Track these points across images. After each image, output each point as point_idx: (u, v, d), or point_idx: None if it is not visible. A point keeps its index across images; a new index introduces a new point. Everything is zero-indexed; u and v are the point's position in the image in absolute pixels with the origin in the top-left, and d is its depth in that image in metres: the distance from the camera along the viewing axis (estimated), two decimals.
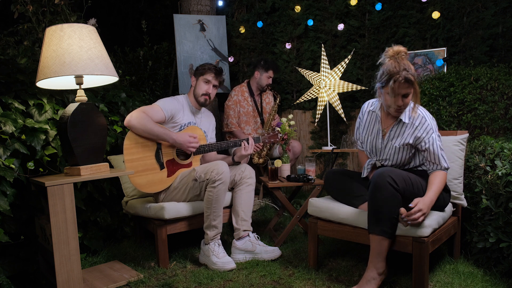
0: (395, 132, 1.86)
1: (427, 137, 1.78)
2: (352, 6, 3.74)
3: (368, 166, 2.02)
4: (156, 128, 2.11)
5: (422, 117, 1.80)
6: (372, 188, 1.69)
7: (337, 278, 1.92)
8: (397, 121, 1.85)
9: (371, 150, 1.99)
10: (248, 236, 2.22)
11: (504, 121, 2.41)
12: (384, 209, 1.66)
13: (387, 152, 1.91)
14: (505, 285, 1.75)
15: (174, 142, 2.15)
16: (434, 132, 1.79)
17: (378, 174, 1.70)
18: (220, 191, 2.08)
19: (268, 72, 3.39)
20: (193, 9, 3.93)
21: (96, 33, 1.85)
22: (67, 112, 1.76)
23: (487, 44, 3.15)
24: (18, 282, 1.92)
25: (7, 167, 1.79)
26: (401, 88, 1.70)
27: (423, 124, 1.79)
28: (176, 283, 1.91)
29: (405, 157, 1.87)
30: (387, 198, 1.66)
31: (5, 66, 2.14)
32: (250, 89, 3.47)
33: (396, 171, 1.72)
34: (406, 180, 1.72)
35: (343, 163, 3.93)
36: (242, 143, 2.30)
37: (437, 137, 1.81)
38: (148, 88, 4.12)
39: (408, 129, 1.82)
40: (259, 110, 3.48)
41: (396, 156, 1.88)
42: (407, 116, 1.81)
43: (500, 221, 1.80)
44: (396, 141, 1.86)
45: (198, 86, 2.35)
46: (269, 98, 3.60)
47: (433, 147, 1.79)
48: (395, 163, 1.91)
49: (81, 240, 2.25)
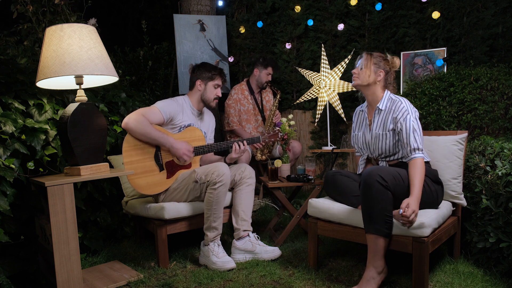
0: (378, 120, 1.99)
1: (402, 117, 1.87)
2: (352, 6, 3.74)
3: (361, 162, 2.10)
4: (154, 132, 2.11)
5: (398, 101, 1.92)
6: (362, 187, 1.72)
7: (337, 278, 1.92)
8: (377, 110, 1.99)
9: (362, 145, 2.07)
10: (248, 236, 2.22)
11: (504, 121, 2.41)
12: (375, 208, 1.68)
13: (373, 142, 1.99)
14: (505, 285, 1.75)
15: (171, 147, 2.15)
16: (409, 114, 1.86)
17: (367, 173, 1.72)
18: (221, 193, 2.08)
19: (267, 68, 3.40)
20: (193, 9, 3.93)
21: (96, 33, 1.85)
22: (67, 112, 1.76)
23: (487, 44, 3.15)
24: (18, 282, 1.92)
25: (7, 167, 1.79)
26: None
27: (398, 106, 1.90)
28: (176, 283, 1.91)
29: (389, 144, 1.92)
30: (377, 197, 1.68)
31: (5, 66, 2.14)
32: (250, 88, 3.48)
33: (384, 169, 1.74)
34: (396, 176, 1.74)
35: (343, 163, 3.93)
36: (234, 145, 2.30)
37: (414, 119, 1.85)
38: (148, 88, 4.12)
39: (387, 114, 1.95)
40: (259, 108, 3.48)
41: (381, 144, 1.95)
42: (383, 104, 1.97)
43: (500, 221, 1.80)
44: (379, 128, 1.96)
45: (208, 91, 2.37)
46: (269, 96, 3.60)
47: (405, 126, 1.85)
48: (381, 152, 1.96)
49: (81, 240, 2.25)
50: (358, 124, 2.14)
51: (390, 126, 1.92)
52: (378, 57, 2.00)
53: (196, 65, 2.45)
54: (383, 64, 1.99)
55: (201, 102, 2.40)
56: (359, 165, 2.12)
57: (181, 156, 2.17)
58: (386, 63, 2.00)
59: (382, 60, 2.00)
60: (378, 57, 2.00)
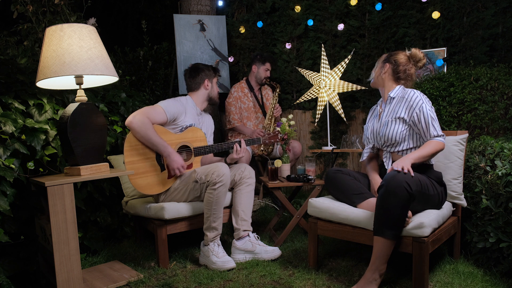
0: (388, 109, 2.00)
1: (418, 107, 1.86)
2: (352, 6, 3.74)
3: (366, 150, 2.11)
4: (154, 137, 2.10)
5: (411, 91, 1.93)
6: (386, 191, 1.66)
7: (337, 278, 1.92)
8: (388, 99, 2.01)
9: (370, 135, 2.09)
10: (248, 236, 2.22)
11: (504, 121, 2.41)
12: (397, 214, 1.64)
13: (381, 129, 1.99)
14: (505, 285, 1.75)
15: (168, 156, 2.15)
16: (423, 103, 1.86)
17: (392, 177, 1.67)
18: (221, 193, 2.08)
19: (265, 64, 3.43)
20: (193, 9, 3.93)
21: (96, 33, 1.85)
22: (67, 112, 1.76)
23: (487, 44, 3.15)
24: (18, 282, 1.92)
25: (7, 167, 1.79)
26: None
27: (411, 96, 1.90)
28: (176, 283, 1.91)
29: (396, 131, 1.91)
30: (402, 203, 1.64)
31: (5, 66, 2.14)
32: (250, 85, 3.50)
33: (408, 174, 1.70)
34: (417, 182, 1.71)
35: (343, 163, 3.92)
36: (235, 145, 2.31)
37: (429, 107, 1.86)
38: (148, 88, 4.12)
39: (400, 103, 1.95)
40: (260, 104, 3.49)
41: (388, 130, 1.94)
42: (394, 92, 1.99)
43: (500, 221, 1.80)
44: (388, 115, 1.97)
45: (214, 88, 2.48)
46: (269, 93, 3.62)
47: (423, 116, 1.85)
48: (387, 139, 1.95)
49: (81, 240, 2.25)
50: (371, 117, 2.17)
51: (401, 114, 1.91)
52: (392, 54, 2.04)
53: (195, 67, 2.45)
54: (393, 57, 2.01)
55: (207, 100, 2.46)
56: (363, 153, 2.13)
57: (174, 169, 2.16)
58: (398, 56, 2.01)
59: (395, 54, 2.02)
60: (392, 54, 2.03)
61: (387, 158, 1.98)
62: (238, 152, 2.30)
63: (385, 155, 1.99)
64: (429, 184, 1.79)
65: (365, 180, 2.07)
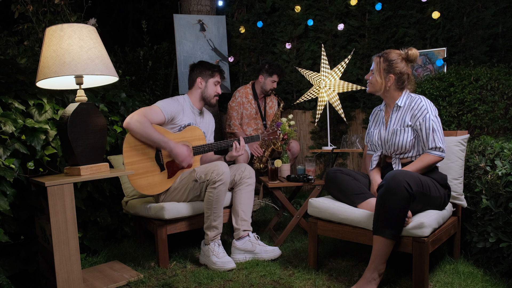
0: (395, 117, 1.99)
1: (422, 116, 1.87)
2: (352, 6, 3.74)
3: (375, 158, 2.06)
4: (154, 134, 2.10)
5: (418, 98, 1.93)
6: (385, 190, 1.67)
7: (337, 278, 1.92)
8: (395, 107, 1.99)
9: (377, 142, 2.05)
10: (248, 236, 2.22)
11: (504, 121, 2.41)
12: (396, 213, 1.64)
13: (390, 138, 1.97)
14: (505, 285, 1.75)
15: (170, 151, 2.15)
16: (428, 112, 1.86)
17: (393, 176, 1.67)
18: (221, 192, 2.08)
19: (272, 76, 3.35)
20: (193, 9, 3.93)
21: (96, 33, 1.85)
22: (67, 112, 1.76)
23: (487, 44, 3.15)
24: (18, 282, 1.92)
25: (7, 167, 1.79)
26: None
27: (418, 104, 1.90)
28: (176, 283, 1.91)
29: (406, 139, 1.90)
30: (401, 203, 1.64)
31: (5, 66, 2.14)
32: (255, 92, 3.45)
33: (409, 173, 1.71)
34: (417, 182, 1.71)
35: (343, 163, 3.92)
36: (234, 143, 2.31)
37: (434, 118, 1.86)
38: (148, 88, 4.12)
39: (406, 111, 1.95)
40: (261, 114, 3.46)
41: (398, 139, 1.93)
42: (402, 101, 1.97)
43: (500, 221, 1.80)
44: (397, 124, 1.96)
45: (209, 88, 2.40)
46: (273, 102, 3.57)
47: (425, 127, 1.85)
48: (397, 148, 1.94)
49: (81, 240, 2.25)
50: (374, 122, 2.14)
51: (409, 123, 1.91)
52: (388, 60, 1.95)
53: (195, 63, 2.45)
54: (394, 66, 1.94)
55: (202, 100, 2.41)
56: (372, 161, 2.08)
57: (181, 162, 2.17)
58: (397, 64, 1.94)
59: (394, 62, 1.94)
60: (389, 60, 1.95)
61: (396, 164, 1.97)
62: (238, 150, 2.30)
63: (394, 160, 1.99)
64: (431, 185, 1.79)
65: (365, 180, 2.07)
